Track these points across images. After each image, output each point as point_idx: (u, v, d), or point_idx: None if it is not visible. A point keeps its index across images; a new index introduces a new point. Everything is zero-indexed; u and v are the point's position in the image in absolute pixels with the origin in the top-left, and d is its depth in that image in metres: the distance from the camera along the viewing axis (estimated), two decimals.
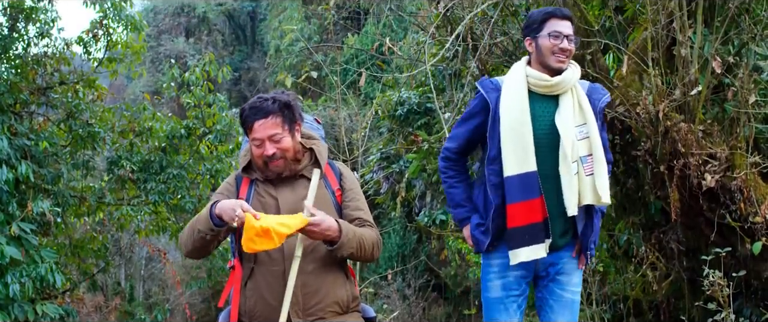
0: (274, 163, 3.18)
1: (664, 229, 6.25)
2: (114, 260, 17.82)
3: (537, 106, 3.45)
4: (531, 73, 3.47)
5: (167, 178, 9.88)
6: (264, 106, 3.13)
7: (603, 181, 3.41)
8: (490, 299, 3.60)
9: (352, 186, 3.37)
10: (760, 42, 5.75)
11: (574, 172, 3.38)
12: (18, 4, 9.00)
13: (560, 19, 3.44)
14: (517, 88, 3.46)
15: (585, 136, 3.43)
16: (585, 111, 3.45)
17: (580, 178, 3.39)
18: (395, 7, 9.41)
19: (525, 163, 3.38)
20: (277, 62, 25.24)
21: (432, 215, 9.79)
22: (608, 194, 3.42)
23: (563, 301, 3.56)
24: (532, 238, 3.41)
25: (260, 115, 3.13)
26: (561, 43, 3.41)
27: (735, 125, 5.76)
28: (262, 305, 3.15)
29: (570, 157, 3.37)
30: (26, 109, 9.18)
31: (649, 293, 6.78)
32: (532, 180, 3.38)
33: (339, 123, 11.99)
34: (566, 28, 3.43)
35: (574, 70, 3.49)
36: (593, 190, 3.40)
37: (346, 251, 3.10)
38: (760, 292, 5.89)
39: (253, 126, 3.13)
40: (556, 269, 3.55)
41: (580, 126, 3.43)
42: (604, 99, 3.56)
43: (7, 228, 7.15)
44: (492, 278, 3.58)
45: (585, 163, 3.40)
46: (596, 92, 3.57)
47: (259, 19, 33.09)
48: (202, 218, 3.07)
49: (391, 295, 14.69)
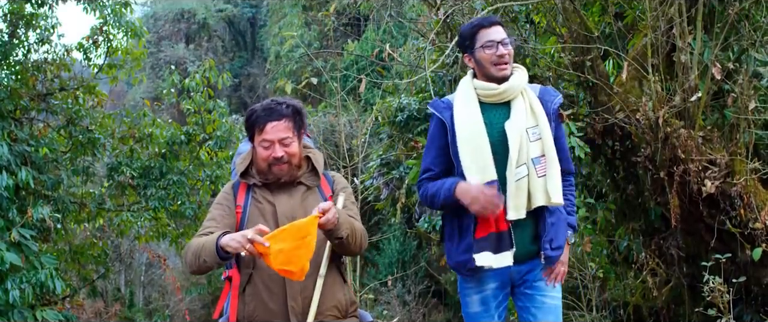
0: (279, 166, 3.20)
1: (664, 235, 6.25)
2: (114, 266, 17.81)
3: (491, 115, 3.45)
4: (478, 85, 3.48)
5: (167, 184, 9.88)
6: (278, 109, 3.18)
7: (555, 182, 3.39)
8: (471, 313, 3.60)
9: (344, 189, 3.41)
10: (759, 48, 5.75)
11: (520, 176, 3.37)
12: (18, 11, 9.01)
13: (489, 28, 3.44)
14: (467, 101, 3.47)
15: (538, 138, 3.41)
16: (537, 113, 3.44)
17: (532, 180, 3.38)
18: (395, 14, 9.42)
19: (485, 172, 3.37)
20: (277, 68, 25.27)
21: (432, 221, 9.75)
22: (560, 195, 3.40)
23: (545, 308, 3.54)
24: (497, 246, 3.41)
25: (274, 117, 3.17)
26: (497, 51, 3.40)
27: (735, 131, 5.76)
28: (261, 310, 3.15)
29: (515, 162, 3.36)
30: (26, 115, 9.18)
31: (649, 299, 6.78)
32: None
33: (339, 129, 12.00)
34: (498, 34, 3.42)
35: (520, 74, 3.48)
36: (544, 191, 3.38)
37: (344, 232, 3.10)
38: (760, 298, 5.89)
39: (266, 127, 3.16)
40: (533, 275, 3.53)
41: (532, 128, 3.42)
42: (557, 100, 3.54)
43: (7, 234, 7.14)
44: (470, 293, 3.58)
45: (537, 164, 3.39)
46: (548, 94, 3.55)
47: (260, 25, 33.11)
48: (208, 250, 3.04)
49: (391, 301, 14.66)
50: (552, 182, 3.40)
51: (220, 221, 3.21)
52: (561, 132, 3.63)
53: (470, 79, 3.54)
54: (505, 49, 3.40)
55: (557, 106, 3.55)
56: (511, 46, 3.43)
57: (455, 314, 16.04)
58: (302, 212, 3.20)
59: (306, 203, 3.24)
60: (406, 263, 16.78)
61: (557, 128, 3.56)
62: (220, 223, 3.21)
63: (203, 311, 19.88)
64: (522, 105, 3.44)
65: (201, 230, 3.23)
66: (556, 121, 3.56)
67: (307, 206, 3.22)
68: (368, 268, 17.48)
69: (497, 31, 3.43)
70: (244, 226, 3.20)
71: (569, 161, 3.64)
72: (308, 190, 3.30)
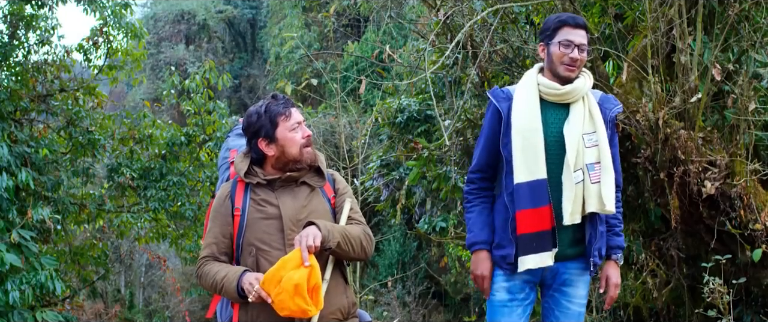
0: (308, 149, 3.28)
1: (664, 236, 6.24)
2: (114, 267, 17.81)
3: (549, 114, 3.45)
4: (542, 81, 3.47)
5: (167, 185, 9.88)
6: (288, 99, 3.30)
7: (609, 189, 3.39)
8: (495, 302, 3.58)
9: (345, 191, 3.42)
10: (759, 49, 5.75)
11: (577, 180, 3.36)
12: (18, 12, 9.01)
13: (573, 28, 3.41)
14: (528, 96, 3.46)
15: (594, 144, 3.41)
16: (595, 119, 3.44)
17: (586, 186, 3.38)
18: (395, 15, 9.43)
19: (535, 170, 3.37)
20: (277, 69, 25.26)
21: (432, 222, 9.77)
22: (613, 203, 3.40)
23: (570, 313, 3.54)
24: (539, 246, 3.40)
25: (291, 104, 3.28)
26: (571, 53, 3.39)
27: (735, 132, 5.76)
28: (264, 316, 3.15)
29: (573, 166, 3.36)
30: (26, 116, 9.18)
31: (649, 300, 6.77)
32: (541, 188, 3.37)
33: (339, 130, 12.00)
34: (579, 37, 3.40)
35: (586, 79, 3.48)
36: (598, 198, 3.38)
37: (333, 243, 3.10)
38: (760, 299, 5.89)
39: (291, 112, 3.25)
40: (563, 279, 3.53)
41: (590, 134, 3.42)
42: (616, 109, 3.55)
43: (7, 235, 7.14)
44: (497, 281, 3.56)
45: (592, 170, 3.39)
46: (608, 102, 3.55)
47: (260, 26, 33.11)
48: (228, 291, 3.12)
49: (391, 302, 14.67)
50: (606, 189, 3.39)
51: (220, 240, 3.26)
52: (615, 143, 3.60)
53: (536, 73, 3.53)
54: (580, 55, 3.40)
55: (615, 114, 3.54)
56: (586, 54, 3.42)
57: (455, 315, 16.05)
58: (306, 213, 3.21)
59: (311, 205, 3.25)
60: (406, 264, 16.80)
61: (613, 137, 3.55)
62: (222, 243, 3.25)
63: (203, 312, 19.86)
64: (581, 109, 3.44)
65: (204, 247, 3.27)
66: (612, 129, 3.55)
67: (311, 208, 3.24)
68: (368, 269, 17.49)
69: (580, 34, 3.42)
70: (245, 231, 3.20)
71: (619, 174, 3.60)
72: (312, 191, 3.30)
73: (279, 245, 3.17)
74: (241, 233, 3.20)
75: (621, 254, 3.59)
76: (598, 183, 3.39)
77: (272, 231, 3.18)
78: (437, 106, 6.66)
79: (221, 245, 3.24)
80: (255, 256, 3.17)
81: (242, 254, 3.21)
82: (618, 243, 3.57)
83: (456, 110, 6.79)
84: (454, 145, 7.16)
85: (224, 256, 3.24)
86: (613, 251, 3.57)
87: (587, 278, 3.56)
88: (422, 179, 8.68)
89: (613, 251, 3.57)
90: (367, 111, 16.83)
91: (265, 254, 3.16)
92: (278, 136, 3.22)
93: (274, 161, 3.27)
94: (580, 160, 3.38)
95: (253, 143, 3.27)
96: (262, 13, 32.52)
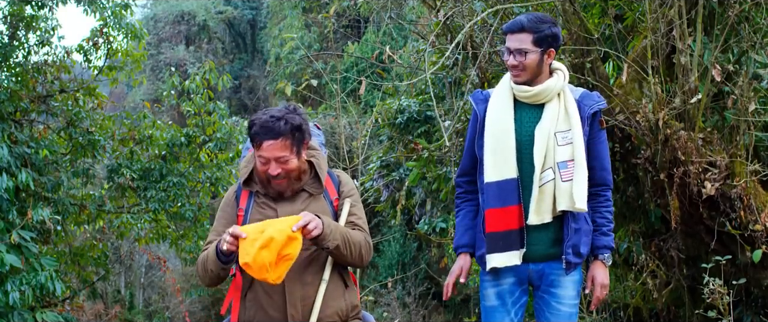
0: (277, 182, 3.16)
1: (664, 237, 6.24)
2: (114, 267, 17.81)
3: (524, 114, 3.46)
4: (513, 84, 3.48)
5: (167, 186, 9.89)
6: (275, 127, 3.06)
7: (580, 188, 3.36)
8: (487, 306, 3.60)
9: (350, 193, 3.37)
10: (759, 50, 5.75)
11: (546, 180, 3.37)
12: (18, 13, 9.02)
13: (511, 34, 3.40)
14: (502, 96, 3.49)
15: (568, 142, 3.39)
16: (571, 116, 3.41)
17: (557, 184, 3.37)
18: (395, 16, 9.42)
19: (504, 170, 3.39)
20: (277, 70, 25.28)
21: (432, 223, 9.77)
22: (584, 201, 3.37)
23: (560, 314, 3.52)
24: (506, 245, 3.41)
25: (270, 136, 3.06)
26: (509, 60, 3.40)
27: (735, 133, 5.76)
28: (261, 316, 3.15)
29: (540, 166, 3.36)
30: (26, 117, 9.19)
31: (649, 301, 6.77)
32: (510, 187, 3.39)
33: (339, 131, 12.00)
34: (514, 43, 3.38)
35: (557, 78, 3.45)
36: (569, 196, 3.36)
37: (331, 243, 3.07)
38: (760, 300, 5.89)
39: (262, 145, 3.08)
40: (550, 280, 3.51)
41: (564, 132, 3.40)
42: (597, 105, 3.48)
43: (7, 236, 7.15)
44: (486, 287, 3.58)
45: (563, 168, 3.37)
46: (589, 99, 3.50)
47: (260, 27, 33.13)
48: (211, 259, 3.11)
49: (391, 303, 14.67)
50: (578, 187, 3.36)
51: (222, 232, 3.18)
52: (599, 140, 3.55)
53: (509, 77, 3.53)
54: (518, 60, 3.37)
55: (594, 112, 3.48)
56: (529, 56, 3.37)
57: (455, 316, 16.04)
58: None
59: (310, 209, 3.21)
60: (406, 265, 16.80)
61: (595, 135, 3.51)
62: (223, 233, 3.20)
63: (203, 313, 19.87)
64: (556, 108, 3.43)
65: (206, 243, 3.27)
66: (594, 127, 3.51)
67: (311, 211, 3.19)
68: (368, 270, 17.49)
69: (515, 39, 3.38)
70: None
71: (607, 172, 3.55)
72: (311, 196, 3.27)
73: None
74: None
75: (608, 254, 3.54)
76: (570, 181, 3.37)
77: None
78: (437, 107, 6.66)
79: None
80: None
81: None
82: (605, 243, 3.52)
83: (456, 111, 6.79)
84: (454, 146, 7.15)
85: None
86: (600, 251, 3.52)
87: (575, 278, 3.52)
88: (422, 180, 8.69)
89: (600, 250, 3.52)
90: (367, 112, 16.83)
91: None
92: (255, 155, 3.20)
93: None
94: (550, 159, 3.38)
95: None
96: (262, 13, 32.54)
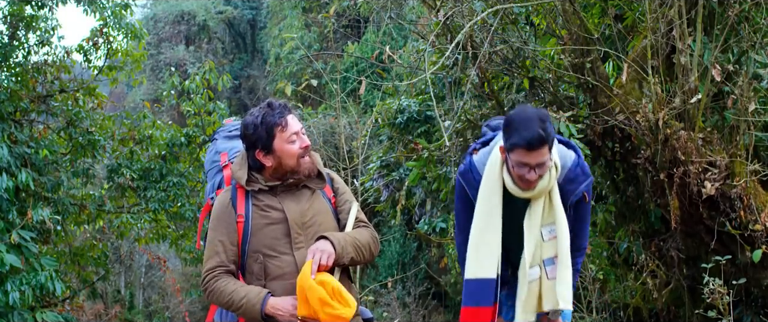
0: (306, 158, 3.22)
1: (664, 237, 6.25)
2: (114, 267, 17.80)
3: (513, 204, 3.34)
4: (506, 179, 3.30)
5: (167, 186, 9.88)
6: (284, 105, 3.20)
7: (564, 287, 3.28)
8: None
9: (344, 190, 3.41)
10: (759, 50, 5.76)
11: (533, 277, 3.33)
12: (18, 13, 9.02)
13: (530, 151, 3.08)
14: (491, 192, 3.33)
15: (552, 237, 3.31)
16: (555, 209, 3.29)
17: (543, 282, 3.33)
18: (395, 16, 9.42)
19: (485, 266, 3.33)
20: (277, 70, 25.25)
21: (432, 223, 9.75)
22: (569, 301, 3.29)
23: None
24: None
25: (288, 111, 3.19)
26: (527, 174, 3.15)
27: (735, 133, 5.76)
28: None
29: (529, 264, 3.31)
30: (26, 117, 9.18)
31: (649, 301, 6.77)
32: (487, 287, 3.33)
33: (339, 131, 11.98)
34: (536, 158, 3.09)
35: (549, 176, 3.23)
36: (553, 294, 3.30)
37: (347, 259, 3.12)
38: (760, 300, 5.89)
39: (288, 120, 3.16)
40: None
41: (549, 225, 3.31)
42: (581, 189, 3.32)
43: (7, 236, 7.14)
44: None
45: (548, 266, 3.32)
46: (574, 183, 3.33)
47: (259, 27, 33.11)
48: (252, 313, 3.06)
49: (391, 303, 14.65)
50: (562, 286, 3.29)
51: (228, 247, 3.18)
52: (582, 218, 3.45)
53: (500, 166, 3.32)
54: (535, 175, 3.15)
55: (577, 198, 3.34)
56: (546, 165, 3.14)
57: (455, 316, 16.03)
58: (311, 216, 3.21)
59: (314, 207, 3.24)
60: (406, 264, 16.78)
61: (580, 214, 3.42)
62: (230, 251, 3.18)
63: (203, 313, 19.84)
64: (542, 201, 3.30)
65: (210, 257, 3.19)
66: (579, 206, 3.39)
67: (315, 210, 3.23)
68: (368, 269, 17.47)
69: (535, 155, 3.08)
70: (250, 237, 3.18)
71: (585, 239, 3.52)
72: (313, 193, 3.28)
73: (286, 250, 3.16)
74: (247, 240, 3.18)
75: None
76: (554, 280, 3.31)
77: (279, 236, 3.16)
78: (437, 107, 6.66)
79: (229, 254, 3.17)
80: (262, 262, 3.14)
81: (247, 262, 3.18)
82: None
83: (456, 111, 6.79)
84: (454, 146, 7.16)
85: (233, 264, 3.19)
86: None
87: None
88: (422, 180, 8.69)
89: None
90: (367, 112, 16.82)
91: (273, 260, 3.15)
92: (275, 147, 3.17)
93: (272, 170, 3.23)
94: (537, 257, 3.32)
95: (250, 153, 3.23)
96: (262, 13, 32.52)
